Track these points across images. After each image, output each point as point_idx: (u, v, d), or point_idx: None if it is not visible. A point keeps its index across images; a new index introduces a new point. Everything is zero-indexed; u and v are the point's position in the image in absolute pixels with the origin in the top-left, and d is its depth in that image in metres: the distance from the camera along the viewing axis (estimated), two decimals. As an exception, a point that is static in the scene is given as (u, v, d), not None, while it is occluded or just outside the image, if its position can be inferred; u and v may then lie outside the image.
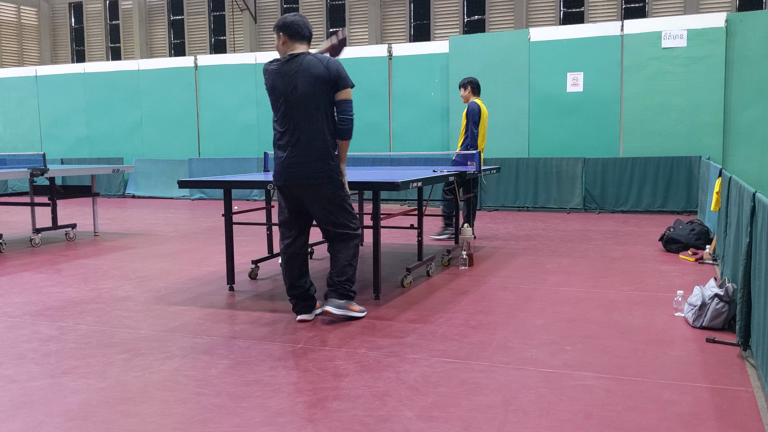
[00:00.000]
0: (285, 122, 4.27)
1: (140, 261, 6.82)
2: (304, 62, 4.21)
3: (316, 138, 4.24)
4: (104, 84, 14.77)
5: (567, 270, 6.11)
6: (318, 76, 4.19)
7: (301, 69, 4.19)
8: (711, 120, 10.38)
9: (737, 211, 4.46)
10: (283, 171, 4.31)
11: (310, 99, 4.20)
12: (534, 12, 21.06)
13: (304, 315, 4.46)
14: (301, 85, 4.18)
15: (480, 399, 3.10)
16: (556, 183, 10.99)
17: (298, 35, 4.29)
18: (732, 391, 3.17)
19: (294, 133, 4.24)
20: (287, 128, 4.26)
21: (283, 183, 4.34)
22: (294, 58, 4.24)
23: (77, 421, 2.92)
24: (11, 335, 4.23)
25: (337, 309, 4.40)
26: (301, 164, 4.24)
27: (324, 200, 4.32)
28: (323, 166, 4.26)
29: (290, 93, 4.21)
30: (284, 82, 4.23)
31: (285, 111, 4.26)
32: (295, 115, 4.23)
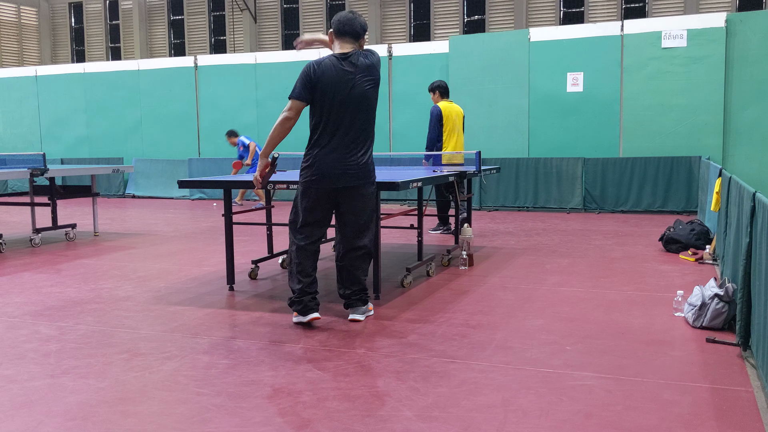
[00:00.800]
0: (338, 121, 4.17)
1: (140, 261, 6.82)
2: (361, 63, 4.20)
3: (369, 140, 4.29)
4: (104, 84, 14.77)
5: (567, 270, 6.11)
6: (375, 79, 4.25)
7: (360, 69, 4.19)
8: (711, 120, 10.38)
9: (737, 211, 4.46)
10: (334, 171, 4.19)
11: (367, 101, 4.22)
12: (534, 12, 21.06)
13: (316, 314, 4.35)
14: (361, 86, 4.17)
15: (480, 399, 3.10)
16: (556, 183, 10.99)
17: (347, 31, 4.26)
18: (732, 391, 3.17)
19: (349, 134, 4.19)
20: (341, 128, 4.17)
21: (332, 184, 4.21)
22: (351, 55, 4.21)
23: (77, 421, 2.92)
24: (11, 335, 4.23)
25: (362, 315, 4.46)
26: (356, 166, 4.21)
27: (366, 204, 4.33)
28: (372, 168, 4.33)
29: (348, 92, 4.15)
30: (340, 80, 4.15)
31: (340, 109, 4.16)
32: (352, 115, 4.18)
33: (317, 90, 4.17)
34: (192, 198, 13.83)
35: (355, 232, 4.37)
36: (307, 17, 23.81)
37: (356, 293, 4.46)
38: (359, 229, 4.37)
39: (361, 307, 4.47)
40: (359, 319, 4.43)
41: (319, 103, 4.19)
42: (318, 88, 4.17)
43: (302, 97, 4.20)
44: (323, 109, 4.19)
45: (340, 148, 4.20)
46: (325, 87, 4.15)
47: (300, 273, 4.33)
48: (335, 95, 4.15)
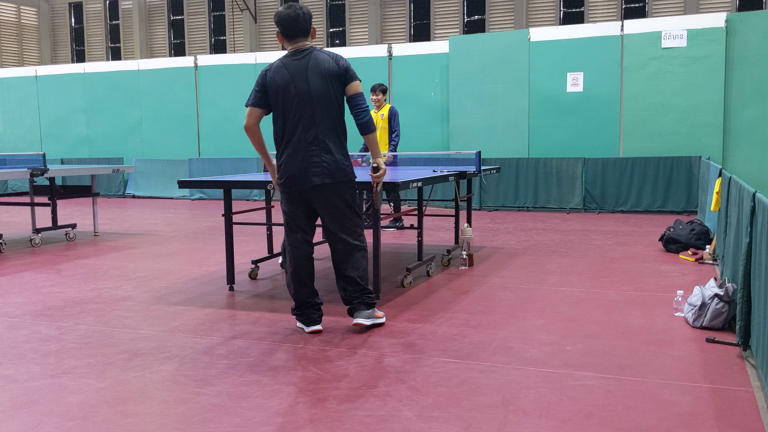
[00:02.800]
0: (296, 120, 4.03)
1: (140, 261, 6.82)
2: (312, 58, 4.05)
3: (334, 136, 4.08)
4: (104, 84, 14.77)
5: (567, 270, 6.11)
6: (329, 72, 4.03)
7: (311, 66, 4.03)
8: (711, 120, 10.38)
9: (737, 211, 4.46)
10: (299, 172, 4.04)
11: (324, 96, 4.02)
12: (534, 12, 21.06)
13: (318, 326, 4.22)
14: (314, 81, 4.00)
15: (480, 399, 3.10)
16: (556, 183, 10.99)
17: (292, 33, 4.08)
18: (732, 391, 3.17)
19: (313, 132, 4.02)
20: (300, 126, 4.02)
21: (298, 186, 4.07)
22: (301, 53, 4.08)
23: (77, 421, 2.92)
24: (11, 335, 4.23)
25: (367, 319, 4.22)
26: (320, 164, 4.02)
27: (340, 203, 4.11)
28: (343, 166, 4.09)
29: (302, 89, 4.01)
30: (298, 79, 4.02)
31: (297, 108, 4.02)
32: (310, 112, 4.01)
33: (270, 93, 4.08)
34: (192, 198, 13.83)
35: (337, 231, 4.16)
36: (307, 17, 23.79)
37: (356, 295, 4.23)
38: (340, 229, 4.16)
39: (364, 311, 4.22)
40: (363, 323, 4.21)
41: (275, 106, 4.09)
42: (271, 91, 4.07)
43: (256, 103, 4.11)
44: (279, 110, 4.08)
45: (302, 148, 4.03)
46: (277, 87, 4.05)
47: (296, 282, 4.22)
48: (287, 93, 4.02)
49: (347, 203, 4.16)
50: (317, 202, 4.13)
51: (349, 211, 4.18)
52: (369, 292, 4.27)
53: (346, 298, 4.28)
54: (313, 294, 4.26)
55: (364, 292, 4.24)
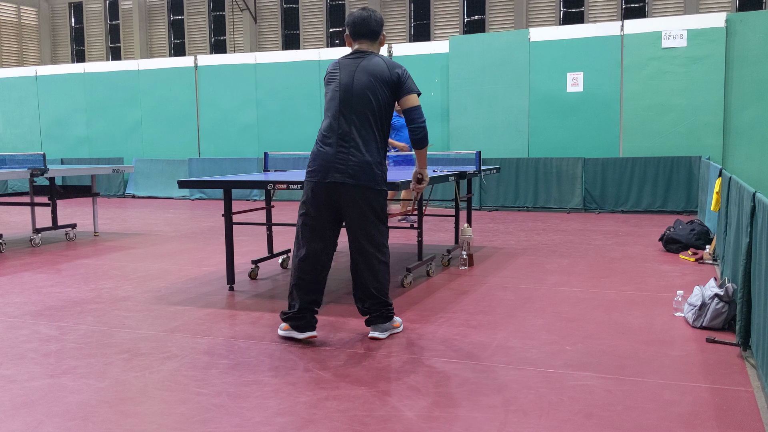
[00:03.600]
0: (338, 116, 3.94)
1: (140, 261, 6.82)
2: (366, 59, 4.01)
3: (368, 139, 3.91)
4: (104, 84, 14.77)
5: (567, 270, 6.11)
6: (378, 76, 3.95)
7: (362, 65, 3.98)
8: (711, 120, 10.38)
9: (737, 211, 4.46)
10: (327, 166, 3.88)
11: (366, 97, 3.92)
12: (534, 12, 21.06)
13: (312, 332, 4.02)
14: (360, 80, 3.93)
15: (480, 399, 3.10)
16: (556, 183, 10.99)
17: (359, 33, 4.07)
18: (732, 391, 3.17)
19: (346, 128, 3.91)
20: (339, 122, 3.92)
21: (323, 179, 3.89)
22: (359, 54, 4.05)
23: (77, 421, 2.92)
24: (11, 335, 4.23)
25: (383, 333, 4.07)
26: (347, 161, 3.86)
27: (365, 207, 3.90)
28: (372, 170, 3.89)
29: (348, 86, 3.95)
30: (344, 74, 3.99)
31: (340, 104, 3.94)
32: (350, 110, 3.92)
33: (326, 83, 4.10)
34: (192, 198, 13.83)
35: (366, 239, 3.96)
36: (307, 17, 23.81)
37: (374, 308, 4.03)
38: (368, 237, 3.96)
39: (381, 324, 4.06)
40: (379, 338, 4.03)
41: (328, 97, 4.06)
42: (326, 81, 4.10)
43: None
44: (329, 102, 4.03)
45: (333, 142, 3.91)
46: (330, 79, 4.05)
47: (298, 288, 3.98)
48: (337, 85, 3.99)
49: (373, 209, 3.94)
50: (341, 203, 3.93)
51: (375, 219, 3.96)
52: (387, 305, 4.07)
53: (363, 310, 4.09)
54: (317, 302, 4.03)
55: (382, 305, 4.05)
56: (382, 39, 4.15)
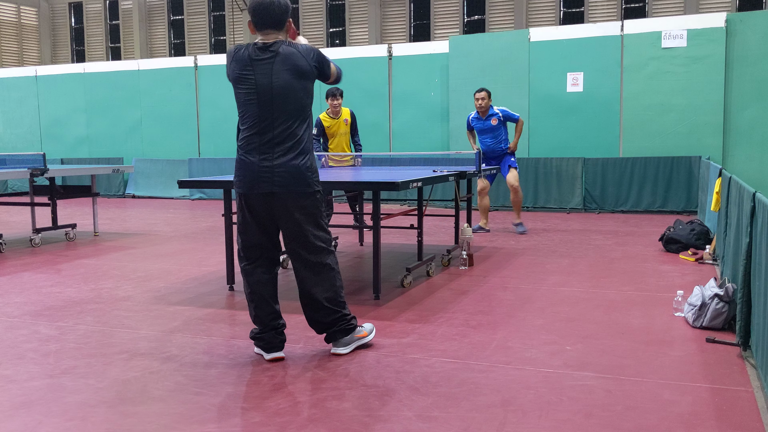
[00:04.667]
0: (259, 120, 3.61)
1: (140, 261, 6.81)
2: (280, 54, 3.59)
3: (294, 141, 3.61)
4: (104, 84, 14.77)
5: (567, 270, 6.10)
6: (297, 70, 3.61)
7: (278, 60, 3.59)
8: (711, 120, 10.38)
9: (737, 211, 4.46)
10: (253, 176, 3.60)
11: (288, 95, 3.59)
12: (534, 12, 21.05)
13: (280, 353, 3.74)
14: (279, 78, 3.58)
15: (480, 399, 3.10)
16: (556, 183, 10.99)
17: (262, 22, 3.65)
18: (732, 391, 3.16)
19: (269, 132, 3.59)
20: (261, 127, 3.61)
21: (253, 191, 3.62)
22: (270, 46, 3.62)
23: (76, 421, 2.91)
24: (11, 335, 4.22)
25: (346, 348, 3.79)
26: (275, 169, 3.57)
27: (299, 214, 3.62)
28: (301, 173, 3.60)
29: (267, 86, 3.58)
30: (259, 74, 3.60)
31: (260, 107, 3.61)
32: (272, 112, 3.59)
33: (235, 83, 3.67)
34: (192, 198, 13.82)
35: (305, 248, 3.67)
36: (307, 17, 23.80)
37: (329, 323, 3.74)
38: (307, 246, 3.67)
39: (342, 339, 3.77)
40: (341, 353, 3.75)
41: (241, 99, 3.68)
42: (234, 81, 3.67)
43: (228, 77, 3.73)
44: (244, 105, 3.67)
45: (258, 149, 3.60)
46: (242, 78, 3.64)
47: (253, 302, 3.74)
48: (252, 86, 3.61)
49: (307, 215, 3.65)
50: (273, 213, 3.66)
51: (311, 224, 3.66)
52: (344, 316, 3.76)
53: (318, 330, 3.80)
54: (276, 315, 3.75)
55: (338, 318, 3.74)
56: (288, 26, 3.73)
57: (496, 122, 8.48)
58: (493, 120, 8.48)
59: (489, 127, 8.52)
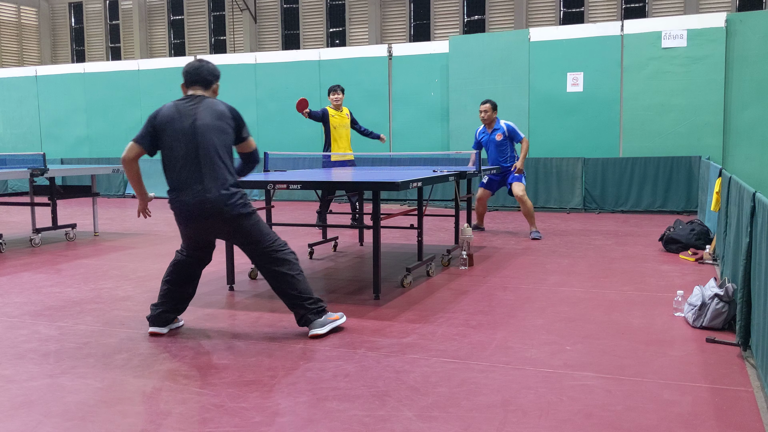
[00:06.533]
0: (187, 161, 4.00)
1: (140, 261, 6.81)
2: (204, 102, 4.07)
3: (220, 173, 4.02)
4: (104, 84, 14.77)
5: (567, 270, 6.10)
6: (221, 113, 4.05)
7: (202, 106, 4.04)
8: (711, 120, 10.38)
9: (737, 211, 4.46)
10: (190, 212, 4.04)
11: (212, 134, 3.99)
12: (534, 12, 21.05)
13: (158, 328, 4.22)
14: (203, 117, 3.99)
15: (480, 399, 3.10)
16: (556, 183, 10.99)
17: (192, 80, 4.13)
18: (732, 391, 3.16)
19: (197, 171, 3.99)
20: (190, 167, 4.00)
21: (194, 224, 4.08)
22: (195, 98, 4.09)
23: (76, 421, 2.91)
24: (11, 335, 4.22)
25: (322, 328, 4.10)
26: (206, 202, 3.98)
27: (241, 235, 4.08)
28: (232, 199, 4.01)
29: (191, 128, 3.97)
30: (185, 118, 3.99)
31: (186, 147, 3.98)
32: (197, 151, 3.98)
33: (161, 134, 4.04)
34: (192, 198, 13.81)
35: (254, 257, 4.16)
36: (307, 17, 23.80)
37: (302, 311, 4.10)
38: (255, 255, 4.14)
39: (316, 321, 4.10)
40: (319, 333, 4.08)
41: (162, 143, 4.05)
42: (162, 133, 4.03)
43: (142, 143, 4.06)
44: (170, 150, 4.04)
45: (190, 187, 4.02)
46: (165, 125, 4.01)
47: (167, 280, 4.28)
48: (175, 129, 3.99)
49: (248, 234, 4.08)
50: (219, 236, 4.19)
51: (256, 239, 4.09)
52: (313, 302, 4.12)
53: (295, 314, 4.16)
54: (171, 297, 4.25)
55: (308, 305, 4.11)
56: (215, 88, 4.21)
57: (501, 138, 8.18)
58: (497, 135, 8.19)
59: (494, 141, 8.25)
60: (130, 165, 4.14)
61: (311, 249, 7.01)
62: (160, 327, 4.23)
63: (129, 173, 4.19)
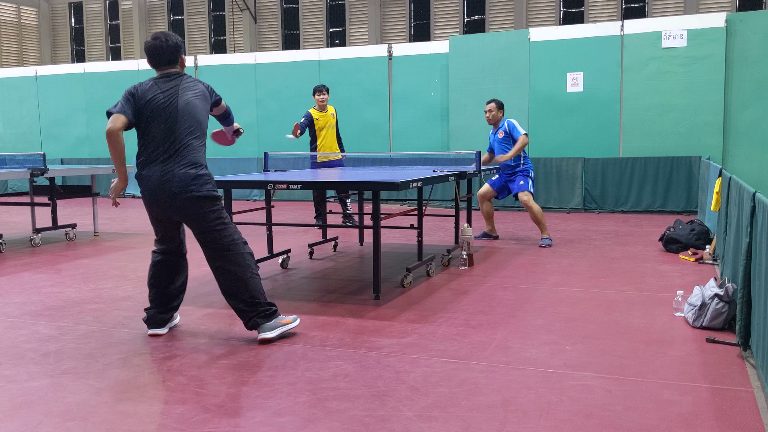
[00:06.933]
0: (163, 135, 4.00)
1: (140, 261, 6.81)
2: (183, 82, 4.09)
3: (193, 152, 4.03)
4: (104, 84, 14.76)
5: (567, 270, 6.10)
6: (201, 92, 4.13)
7: (183, 85, 4.07)
8: (711, 120, 10.38)
9: (737, 211, 4.46)
10: (156, 187, 4.00)
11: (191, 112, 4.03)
12: (534, 12, 21.06)
13: (158, 329, 4.21)
14: (183, 97, 4.02)
15: (480, 399, 3.10)
16: (556, 183, 10.99)
17: (158, 63, 4.12)
18: (732, 391, 3.16)
19: (171, 146, 3.99)
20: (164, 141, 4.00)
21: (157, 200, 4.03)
22: (172, 76, 4.10)
23: (76, 421, 2.92)
24: (11, 335, 4.22)
25: (271, 332, 3.99)
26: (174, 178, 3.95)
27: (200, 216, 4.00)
28: (200, 179, 3.99)
29: (172, 105, 3.99)
30: (165, 95, 4.01)
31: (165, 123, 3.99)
32: (175, 127, 3.99)
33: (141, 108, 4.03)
34: (192, 198, 13.81)
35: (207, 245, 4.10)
36: (307, 17, 23.81)
37: (249, 313, 3.99)
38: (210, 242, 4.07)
39: (265, 324, 3.99)
40: (267, 337, 3.97)
41: (140, 118, 4.05)
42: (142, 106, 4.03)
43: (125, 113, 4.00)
44: (143, 121, 4.04)
45: (160, 160, 4.01)
46: (145, 101, 4.02)
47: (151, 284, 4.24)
48: (156, 106, 4.00)
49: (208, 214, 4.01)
50: (181, 217, 4.09)
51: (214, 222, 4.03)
52: (261, 305, 4.01)
53: (242, 319, 4.07)
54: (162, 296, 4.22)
55: (255, 308, 4.00)
56: (182, 61, 4.20)
57: (502, 135, 8.02)
58: (500, 133, 8.05)
59: (498, 140, 8.07)
60: (118, 137, 4.06)
61: (311, 249, 7.01)
62: (159, 328, 4.22)
63: (116, 147, 4.09)
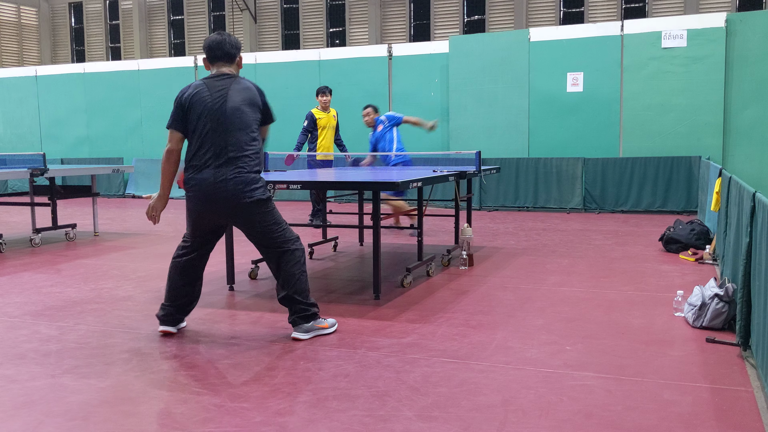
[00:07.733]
0: (213, 138, 3.93)
1: (140, 261, 6.82)
2: (235, 82, 4.03)
3: (244, 156, 3.96)
4: (104, 84, 14.77)
5: (567, 270, 6.11)
6: (252, 96, 4.05)
7: (233, 87, 4.01)
8: (711, 120, 10.38)
9: (737, 211, 4.46)
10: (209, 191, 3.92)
11: (239, 116, 3.96)
12: (534, 12, 21.06)
13: (168, 327, 4.20)
14: (234, 99, 3.96)
15: (480, 399, 3.10)
16: (556, 183, 10.99)
17: (215, 56, 4.08)
18: (732, 391, 3.17)
19: (222, 149, 3.92)
20: (214, 144, 3.92)
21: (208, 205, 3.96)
22: (225, 76, 4.06)
23: (77, 421, 2.92)
24: (11, 335, 4.23)
25: (305, 333, 4.07)
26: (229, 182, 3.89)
27: (257, 220, 3.99)
28: (253, 183, 3.97)
29: (221, 107, 3.94)
30: (215, 96, 3.97)
31: (215, 125, 3.93)
32: (225, 130, 3.93)
33: (189, 113, 3.99)
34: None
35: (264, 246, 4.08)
36: (307, 17, 23.81)
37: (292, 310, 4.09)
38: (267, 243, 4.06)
39: (302, 325, 4.08)
40: (299, 338, 4.05)
41: (191, 122, 3.99)
42: (190, 111, 3.99)
43: (177, 127, 4.02)
44: (195, 129, 3.98)
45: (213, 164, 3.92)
46: (193, 102, 3.98)
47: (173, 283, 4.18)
48: (205, 107, 3.95)
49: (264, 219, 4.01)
50: (232, 222, 4.07)
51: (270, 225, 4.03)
52: (306, 305, 4.08)
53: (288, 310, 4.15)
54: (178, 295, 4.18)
55: (300, 307, 4.07)
56: (239, 61, 4.16)
57: (381, 128, 8.39)
58: (379, 126, 8.41)
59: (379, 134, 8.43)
60: (176, 155, 4.04)
61: (311, 249, 7.02)
62: (171, 326, 4.21)
63: (170, 166, 4.04)
